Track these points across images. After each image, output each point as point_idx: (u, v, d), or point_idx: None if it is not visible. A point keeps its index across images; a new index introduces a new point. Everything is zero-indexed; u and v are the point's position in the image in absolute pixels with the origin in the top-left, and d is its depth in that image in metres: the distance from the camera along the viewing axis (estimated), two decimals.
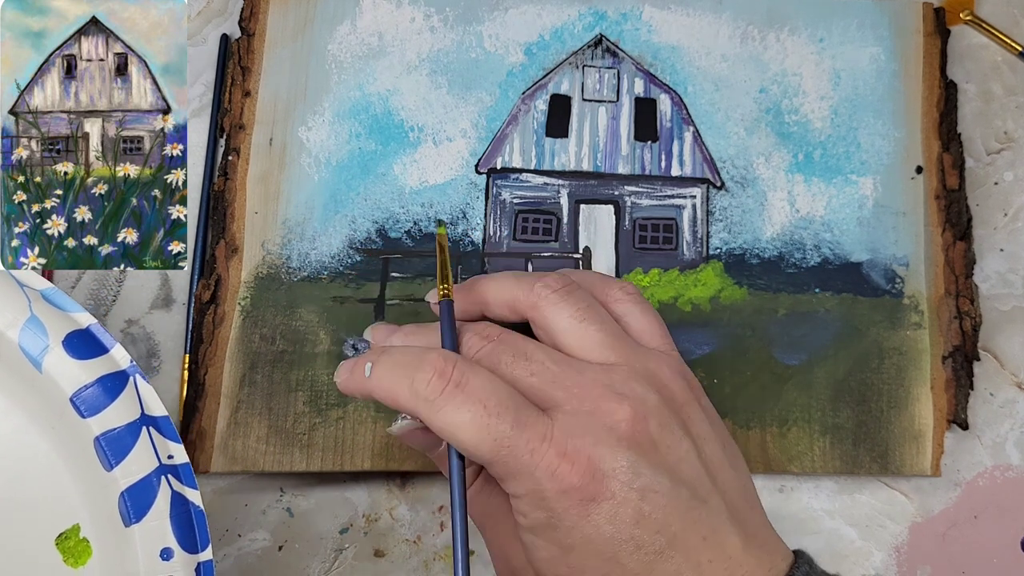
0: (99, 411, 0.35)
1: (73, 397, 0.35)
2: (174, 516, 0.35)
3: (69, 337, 0.35)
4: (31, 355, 0.35)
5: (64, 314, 0.35)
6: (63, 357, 0.35)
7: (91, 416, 0.35)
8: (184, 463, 0.35)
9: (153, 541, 0.34)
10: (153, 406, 0.35)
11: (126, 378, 0.35)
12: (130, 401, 0.35)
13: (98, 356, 0.35)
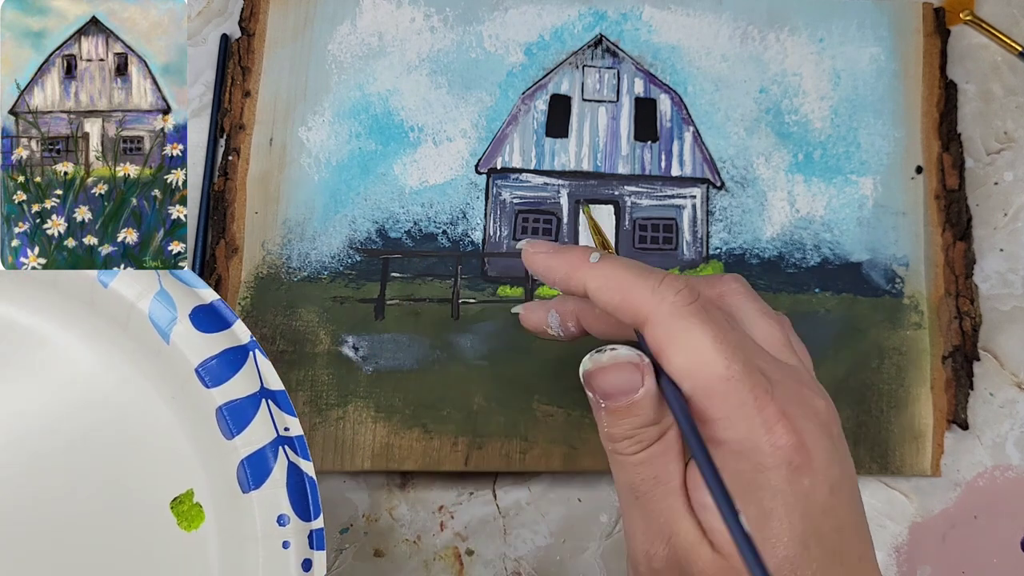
0: (223, 382, 0.36)
1: (199, 368, 0.36)
2: (290, 485, 0.36)
3: (195, 311, 0.37)
4: (160, 326, 0.36)
5: (190, 289, 0.37)
6: (190, 329, 0.36)
7: (215, 387, 0.36)
8: (299, 435, 0.37)
9: (270, 507, 0.36)
10: (271, 380, 0.37)
11: (247, 352, 0.37)
12: (251, 374, 0.37)
13: (221, 330, 0.37)
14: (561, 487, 0.45)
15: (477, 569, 0.43)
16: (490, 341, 0.44)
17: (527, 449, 0.44)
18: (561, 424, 0.44)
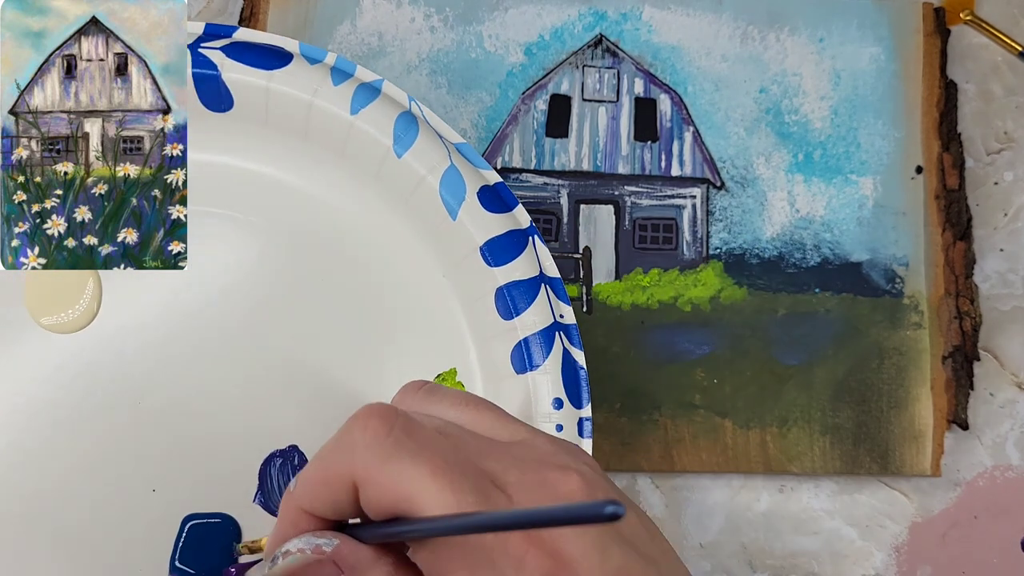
0: (506, 262, 0.37)
1: (483, 246, 0.37)
2: (564, 370, 0.36)
3: (482, 190, 0.37)
4: (448, 202, 0.37)
5: (476, 169, 0.37)
6: (478, 208, 0.37)
7: (498, 266, 0.37)
8: (573, 324, 0.37)
9: (547, 389, 0.36)
10: (549, 267, 0.37)
11: (527, 236, 0.37)
12: (531, 258, 0.37)
13: (505, 212, 0.37)
14: None
15: None
16: None
17: None
18: None
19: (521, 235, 0.37)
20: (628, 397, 0.44)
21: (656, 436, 0.44)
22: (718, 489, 0.45)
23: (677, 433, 0.44)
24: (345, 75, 0.38)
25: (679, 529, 0.45)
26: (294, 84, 0.37)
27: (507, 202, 0.37)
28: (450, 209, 0.37)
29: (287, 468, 0.38)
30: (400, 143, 0.37)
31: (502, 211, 0.37)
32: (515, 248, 0.37)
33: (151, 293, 0.40)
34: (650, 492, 0.45)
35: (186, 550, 0.37)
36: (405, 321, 0.39)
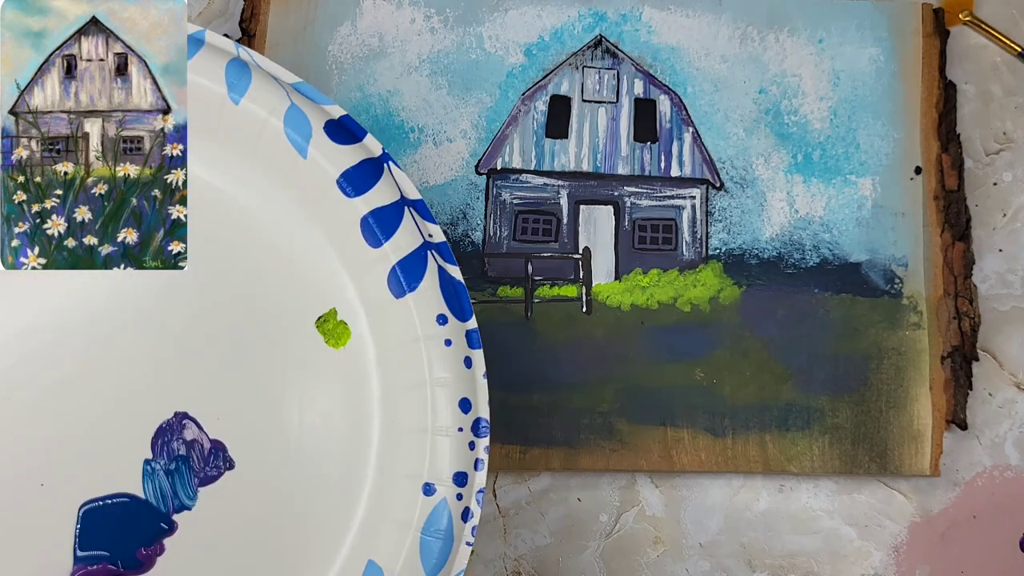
0: (365, 191, 0.37)
1: (340, 179, 0.37)
2: (443, 287, 0.37)
3: (328, 125, 0.37)
4: (295, 141, 0.37)
5: (317, 106, 0.37)
6: (326, 142, 0.37)
7: (358, 196, 0.37)
8: (443, 242, 0.37)
9: (429, 307, 0.36)
10: (409, 190, 0.37)
11: (381, 163, 0.37)
12: (389, 184, 0.37)
13: (354, 143, 0.37)
14: (561, 487, 0.45)
15: (477, 569, 0.43)
16: (490, 341, 0.44)
17: (527, 449, 0.44)
18: (560, 424, 0.44)
19: (375, 163, 0.37)
20: (628, 397, 0.44)
21: (656, 436, 0.44)
22: (717, 489, 0.45)
23: (676, 433, 0.44)
24: None
25: (678, 529, 0.45)
26: None
27: (355, 133, 0.37)
28: (299, 147, 0.37)
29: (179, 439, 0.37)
30: (235, 89, 0.37)
31: (352, 142, 0.37)
32: (372, 176, 0.37)
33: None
34: (650, 492, 0.45)
35: (86, 536, 0.36)
36: (277, 270, 0.38)
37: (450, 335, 0.36)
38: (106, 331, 0.38)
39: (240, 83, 0.37)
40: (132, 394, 0.37)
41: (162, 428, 0.37)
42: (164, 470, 0.37)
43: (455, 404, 0.36)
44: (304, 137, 0.37)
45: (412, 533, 0.36)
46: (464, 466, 0.36)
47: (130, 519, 0.37)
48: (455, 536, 0.36)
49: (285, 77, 0.37)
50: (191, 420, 0.38)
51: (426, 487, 0.36)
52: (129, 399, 0.37)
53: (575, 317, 0.45)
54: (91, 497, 0.37)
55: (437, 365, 0.36)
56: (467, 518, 0.36)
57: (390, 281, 0.37)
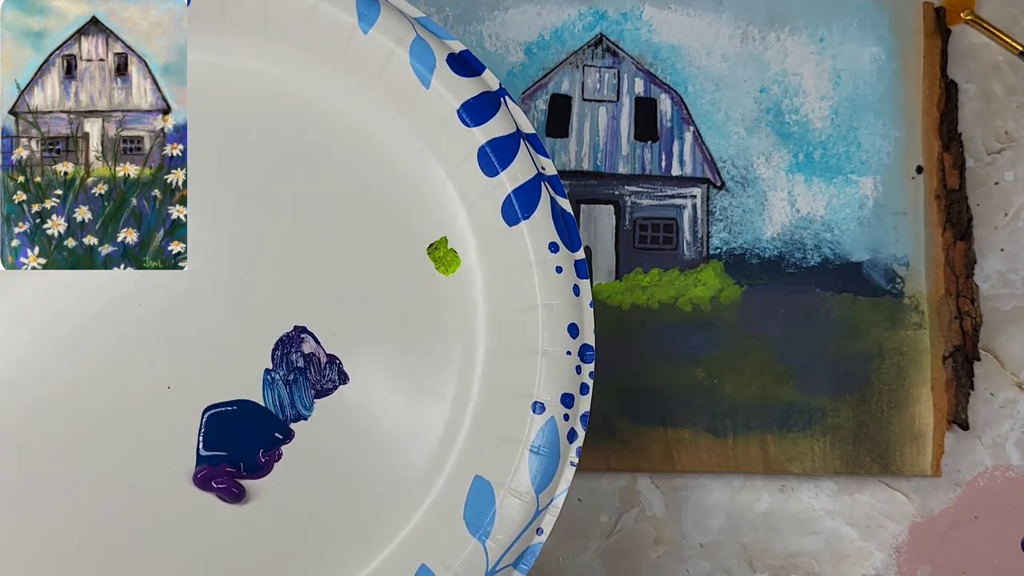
0: (484, 121, 0.38)
1: (460, 109, 0.38)
2: (554, 216, 0.38)
3: (450, 58, 0.38)
4: (419, 72, 0.38)
5: (439, 39, 0.39)
6: (448, 73, 0.38)
7: (477, 126, 0.38)
8: (554, 175, 0.39)
9: (541, 235, 0.37)
10: (524, 124, 0.39)
11: (499, 97, 0.38)
12: (506, 117, 0.38)
13: (474, 76, 0.38)
14: None
15: None
16: None
17: None
18: None
19: (493, 96, 0.38)
20: (628, 397, 0.44)
21: (656, 436, 0.44)
22: (718, 489, 0.45)
23: (677, 433, 0.44)
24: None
25: (679, 529, 0.45)
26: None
27: (475, 68, 0.39)
28: (422, 78, 0.38)
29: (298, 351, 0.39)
30: (364, 19, 0.38)
31: (472, 75, 0.38)
32: (490, 108, 0.38)
33: None
34: (650, 492, 0.45)
35: (210, 438, 0.38)
36: (392, 199, 0.39)
37: (560, 263, 0.37)
38: (231, 248, 0.39)
39: (369, 13, 0.38)
40: (255, 307, 0.39)
41: (282, 340, 0.39)
42: (283, 380, 0.39)
43: (564, 328, 0.37)
44: (428, 68, 0.38)
45: (521, 449, 0.37)
46: (571, 388, 0.37)
47: (250, 424, 0.38)
48: (561, 455, 0.37)
49: (410, 11, 0.39)
50: (309, 334, 0.39)
51: (536, 405, 0.37)
52: (252, 312, 0.39)
53: None
54: (215, 402, 0.38)
55: (548, 290, 0.37)
56: (573, 439, 0.37)
57: (505, 209, 0.38)
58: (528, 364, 0.37)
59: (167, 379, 0.39)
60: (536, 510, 0.37)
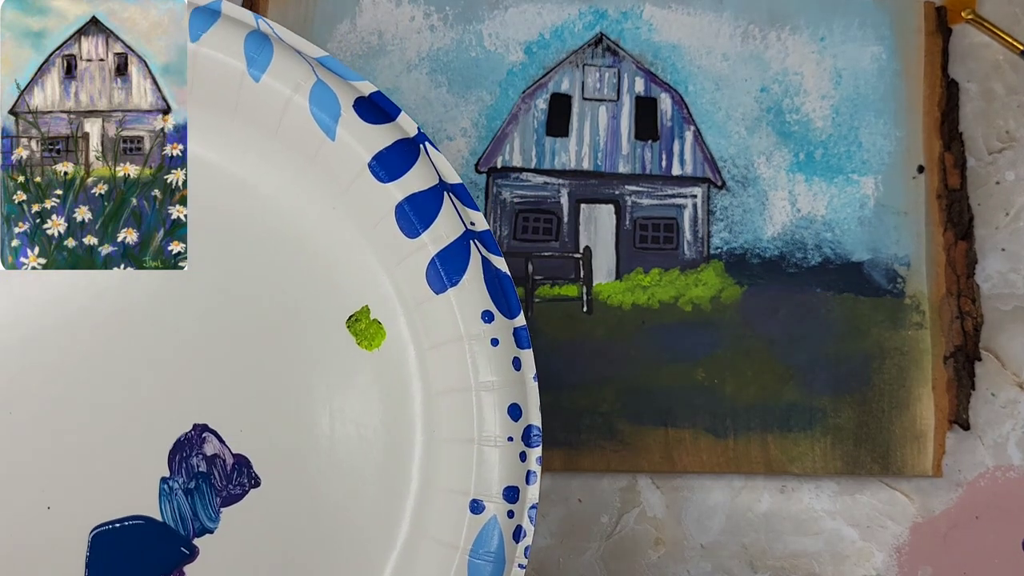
0: (401, 175, 0.33)
1: (372, 161, 0.33)
2: (487, 280, 0.33)
3: (358, 103, 0.33)
4: (323, 121, 0.33)
5: (345, 81, 0.34)
6: (356, 121, 0.33)
7: (392, 181, 0.33)
8: (486, 230, 0.34)
9: (473, 304, 0.33)
10: (448, 174, 0.34)
11: (417, 145, 0.34)
12: (427, 167, 0.34)
13: (387, 123, 0.34)
14: (561, 487, 0.45)
15: None
16: None
17: None
18: (561, 424, 0.44)
19: (411, 144, 0.33)
20: (628, 397, 0.44)
21: (657, 437, 0.44)
22: (719, 490, 0.45)
23: (678, 434, 0.44)
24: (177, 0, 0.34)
25: (680, 530, 0.45)
26: None
27: (388, 112, 0.34)
28: (326, 128, 0.33)
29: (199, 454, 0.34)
30: (255, 64, 0.33)
31: (385, 121, 0.34)
32: (407, 159, 0.33)
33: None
34: (651, 493, 0.45)
35: (98, 564, 0.33)
36: (303, 266, 0.35)
37: (497, 334, 0.33)
38: (114, 336, 0.35)
39: (261, 58, 0.33)
40: (146, 406, 0.34)
41: (180, 442, 0.34)
42: (183, 489, 0.34)
43: (504, 411, 0.33)
44: (332, 116, 0.33)
45: (460, 555, 0.33)
46: (515, 480, 0.33)
47: (146, 544, 0.34)
48: (507, 558, 0.33)
49: (310, 51, 0.34)
50: (212, 433, 0.35)
51: (474, 504, 0.33)
52: (143, 412, 0.34)
53: (575, 317, 0.45)
54: (103, 521, 0.34)
55: (483, 367, 0.33)
56: (519, 537, 0.33)
57: (429, 274, 0.33)
58: (464, 455, 0.33)
59: (45, 499, 0.33)
60: None
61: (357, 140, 0.33)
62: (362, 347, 0.35)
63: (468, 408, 0.33)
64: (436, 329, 0.34)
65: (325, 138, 0.33)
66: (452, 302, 0.33)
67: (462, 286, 0.33)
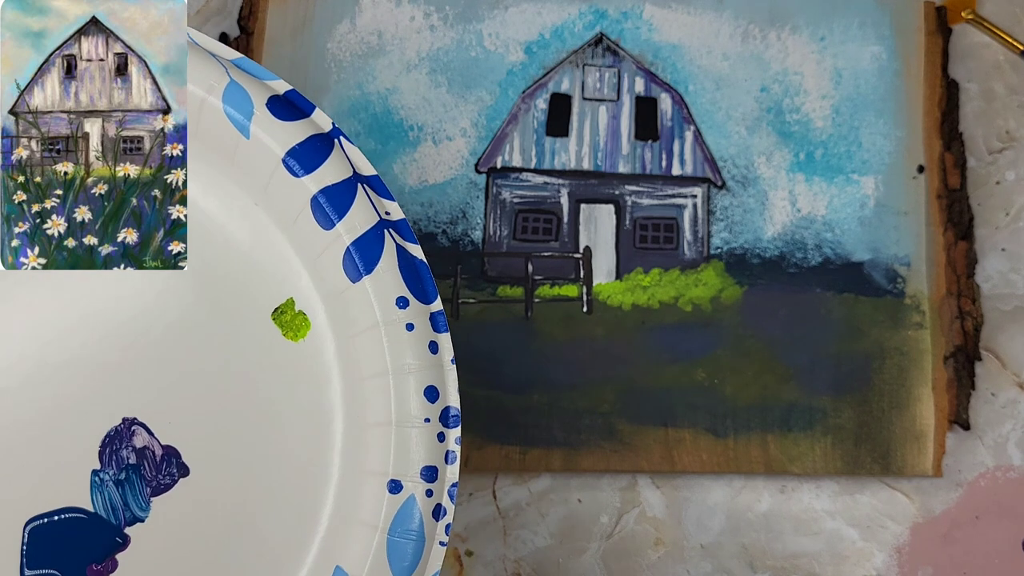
0: (314, 169, 0.34)
1: (286, 157, 0.34)
2: (402, 267, 0.34)
3: (271, 101, 0.35)
4: (236, 120, 0.34)
5: (259, 81, 0.35)
6: (269, 119, 0.34)
7: (306, 174, 0.34)
8: (401, 219, 0.35)
9: (387, 290, 0.34)
10: (363, 166, 0.35)
11: (332, 139, 0.35)
12: (341, 160, 0.35)
13: (301, 119, 0.35)
14: (561, 488, 0.45)
15: (477, 570, 0.43)
16: (490, 341, 0.44)
17: (527, 450, 0.44)
18: (561, 424, 0.44)
19: (325, 139, 0.35)
20: (628, 397, 0.44)
21: (657, 437, 0.44)
22: (719, 490, 0.45)
23: (678, 434, 0.44)
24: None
25: (680, 530, 0.45)
26: None
27: (302, 108, 0.35)
28: (240, 127, 0.34)
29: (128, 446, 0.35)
30: None
31: (298, 118, 0.35)
32: (321, 153, 0.34)
33: None
34: (651, 493, 0.45)
35: (34, 554, 0.34)
36: (226, 262, 0.36)
37: (412, 319, 0.34)
38: (46, 335, 0.35)
39: None
40: (76, 400, 0.35)
41: (110, 435, 0.35)
42: (114, 480, 0.35)
43: (420, 393, 0.34)
44: (245, 115, 0.34)
45: (379, 535, 0.34)
46: (434, 460, 0.34)
47: (80, 534, 0.35)
48: (427, 535, 0.34)
49: (224, 53, 0.35)
50: (140, 426, 0.35)
51: (392, 484, 0.34)
52: (73, 406, 0.35)
53: (575, 317, 0.45)
54: (37, 513, 0.35)
55: (399, 351, 0.34)
56: (439, 516, 0.34)
57: (345, 264, 0.34)
58: (383, 437, 0.34)
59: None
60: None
61: (270, 136, 0.34)
62: (287, 338, 0.36)
63: (386, 391, 0.34)
64: (355, 317, 0.35)
65: (240, 136, 0.34)
66: (368, 289, 0.34)
67: (376, 274, 0.34)
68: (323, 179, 0.34)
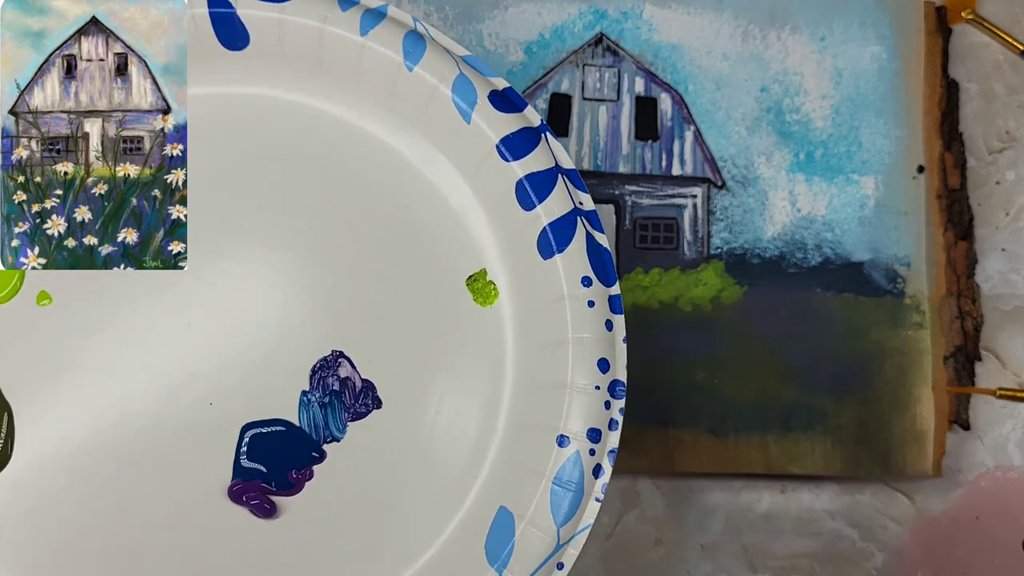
0: (523, 156, 0.39)
1: (499, 144, 0.39)
2: (589, 252, 0.38)
3: (492, 94, 0.39)
4: (461, 108, 0.39)
5: (483, 76, 0.39)
6: (489, 109, 0.39)
7: (516, 160, 0.39)
8: (592, 210, 0.39)
9: (574, 269, 0.38)
10: (563, 160, 0.39)
11: (539, 133, 0.39)
12: (545, 152, 0.39)
13: (516, 112, 0.39)
14: None
15: None
16: None
17: None
18: None
19: (534, 132, 0.39)
20: (629, 398, 0.44)
21: (657, 437, 0.44)
22: (719, 490, 0.45)
23: (678, 434, 0.44)
24: (351, 3, 0.40)
25: (680, 530, 0.45)
26: (305, 13, 0.39)
27: (517, 104, 0.39)
28: (464, 114, 0.39)
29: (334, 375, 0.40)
30: (410, 57, 0.39)
31: (513, 111, 0.39)
32: (529, 143, 0.39)
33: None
34: (651, 493, 0.45)
35: (249, 452, 0.40)
36: (434, 228, 0.41)
37: (593, 297, 0.38)
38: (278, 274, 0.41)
39: (415, 52, 0.39)
40: (296, 331, 0.40)
41: (320, 363, 0.40)
42: (319, 402, 0.40)
43: (594, 363, 0.37)
44: (469, 104, 0.39)
45: (544, 482, 0.37)
46: (599, 423, 0.37)
47: (285, 444, 0.40)
48: (585, 490, 0.37)
49: (456, 50, 0.40)
50: (346, 359, 0.40)
51: (560, 438, 0.37)
52: (293, 335, 0.40)
53: None
54: (253, 420, 0.40)
55: (578, 324, 0.38)
56: (598, 474, 0.37)
57: (540, 242, 0.38)
58: (555, 397, 0.38)
59: (210, 396, 0.40)
60: (557, 544, 0.37)
61: (488, 125, 0.39)
62: (477, 303, 0.40)
63: (564, 357, 0.38)
64: (541, 290, 0.39)
65: (462, 122, 0.39)
66: (558, 266, 0.38)
67: (567, 253, 0.38)
68: (529, 166, 0.38)
